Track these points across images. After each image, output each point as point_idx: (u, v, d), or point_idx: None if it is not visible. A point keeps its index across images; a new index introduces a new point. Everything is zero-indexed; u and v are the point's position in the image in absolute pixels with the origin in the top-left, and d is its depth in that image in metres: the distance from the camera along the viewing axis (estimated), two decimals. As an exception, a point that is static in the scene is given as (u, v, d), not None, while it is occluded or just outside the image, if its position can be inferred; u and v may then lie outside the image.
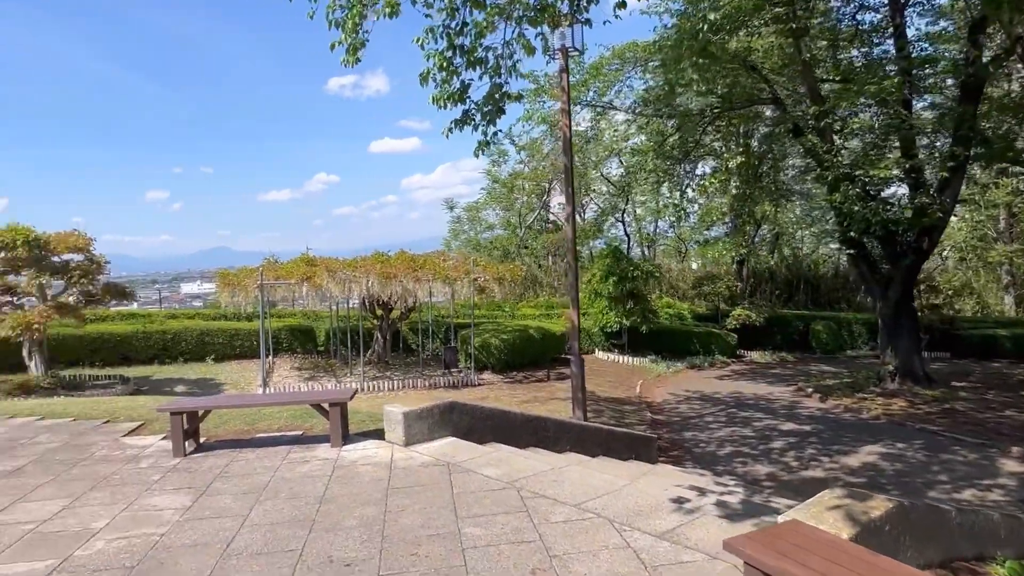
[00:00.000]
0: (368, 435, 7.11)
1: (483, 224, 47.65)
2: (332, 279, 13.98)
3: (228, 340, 18.90)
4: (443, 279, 14.73)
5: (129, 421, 8.15)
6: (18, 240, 12.28)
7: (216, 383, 15.91)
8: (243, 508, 5.09)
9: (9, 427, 8.10)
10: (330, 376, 16.32)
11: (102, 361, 17.40)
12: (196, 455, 6.58)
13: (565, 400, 13.95)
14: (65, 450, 6.93)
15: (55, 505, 5.29)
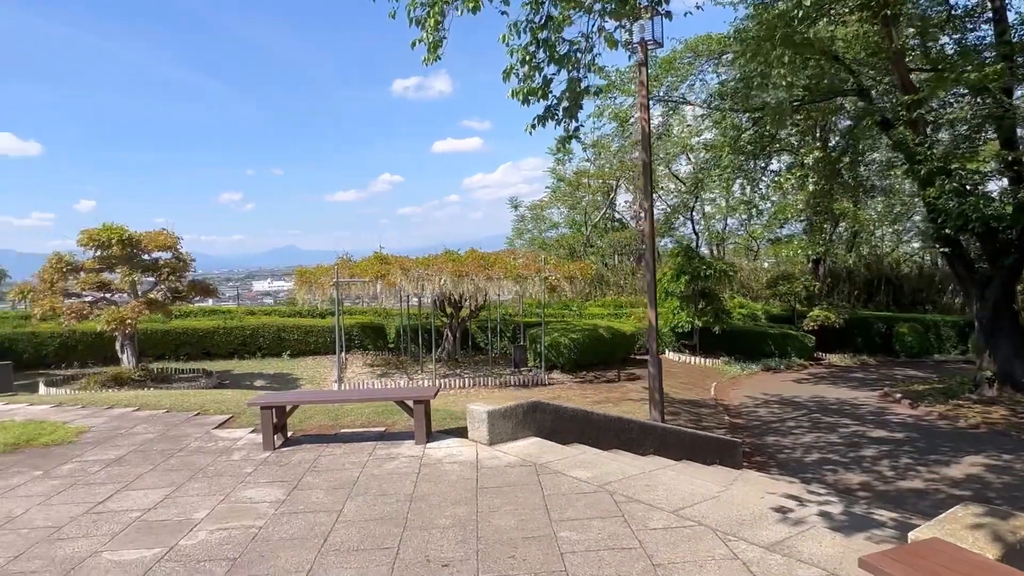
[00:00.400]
0: (450, 433, 7.08)
1: (547, 222, 47.53)
2: (406, 277, 14.12)
3: (303, 336, 19.39)
4: (514, 277, 14.66)
5: (219, 414, 8.39)
6: (113, 239, 12.89)
7: (293, 378, 16.33)
8: (335, 504, 5.12)
9: (109, 417, 8.46)
10: (401, 373, 16.51)
11: (186, 355, 18.14)
12: (285, 449, 6.69)
13: (639, 401, 13.68)
14: (162, 441, 7.18)
15: (157, 494, 5.45)
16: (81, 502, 5.32)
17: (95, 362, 17.08)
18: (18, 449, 6.98)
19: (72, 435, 7.42)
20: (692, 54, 20.02)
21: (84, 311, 12.82)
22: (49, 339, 16.65)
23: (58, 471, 6.20)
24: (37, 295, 13.14)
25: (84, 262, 13.90)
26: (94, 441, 7.24)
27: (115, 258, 13.43)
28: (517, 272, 14.78)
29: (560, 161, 46.65)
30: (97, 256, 13.40)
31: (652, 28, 10.29)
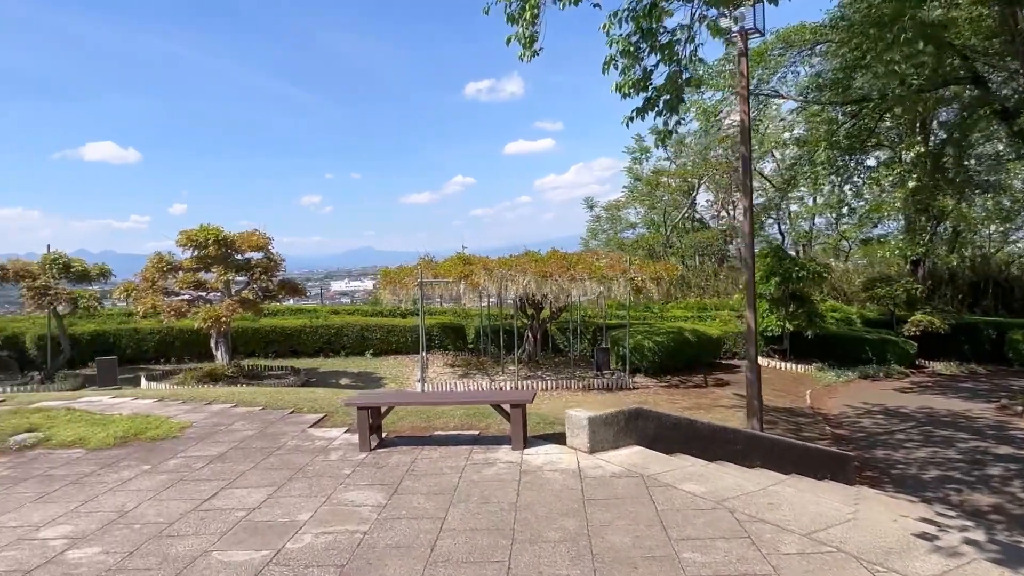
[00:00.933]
0: (547, 439, 6.83)
1: (623, 223, 46.71)
2: (489, 277, 14.00)
3: (385, 336, 19.62)
4: (598, 278, 14.31)
5: (312, 412, 8.44)
6: (209, 239, 13.33)
7: (376, 377, 16.50)
8: (438, 510, 4.95)
9: (209, 413, 8.65)
10: (482, 374, 16.42)
11: (274, 353, 18.65)
12: (380, 450, 6.61)
13: (731, 408, 13.07)
14: (260, 438, 7.24)
15: (260, 494, 5.43)
16: (188, 498, 5.36)
17: (190, 358, 17.78)
18: (127, 443, 7.18)
19: (176, 430, 7.60)
20: (783, 45, 19.09)
21: (182, 309, 13.31)
22: (149, 335, 17.45)
23: (165, 466, 6.31)
24: (140, 293, 13.74)
25: (182, 262, 14.45)
26: (196, 437, 7.38)
27: (211, 258, 13.89)
28: (602, 273, 14.41)
29: (637, 160, 45.81)
30: (194, 256, 13.89)
31: (753, 15, 9.75)
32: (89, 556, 4.32)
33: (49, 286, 13.88)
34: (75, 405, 9.45)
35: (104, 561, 4.25)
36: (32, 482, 5.92)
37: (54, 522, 4.93)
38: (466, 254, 15.94)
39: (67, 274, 14.86)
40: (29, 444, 7.18)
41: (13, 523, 4.95)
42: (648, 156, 45.22)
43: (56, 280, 14.45)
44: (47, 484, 5.84)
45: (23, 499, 5.46)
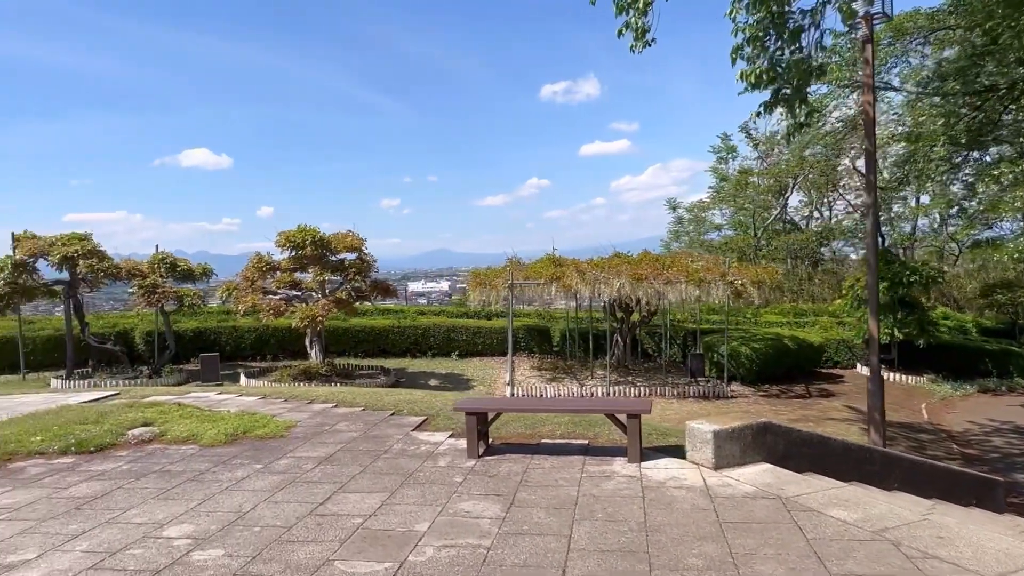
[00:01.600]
0: (662, 451, 6.43)
1: (707, 224, 45.26)
2: (581, 280, 13.65)
3: (471, 337, 19.58)
4: (696, 281, 13.71)
5: (413, 415, 8.32)
6: (307, 240, 13.58)
7: (464, 379, 16.43)
8: (561, 526, 4.65)
9: (311, 412, 8.68)
10: (570, 378, 16.07)
11: (363, 352, 18.92)
12: (489, 457, 6.38)
13: (843, 422, 12.24)
14: (365, 440, 7.15)
15: (373, 500, 5.28)
16: (303, 501, 5.27)
17: (285, 355, 18.26)
18: (236, 440, 7.24)
19: (282, 429, 7.62)
20: (892, 34, 17.86)
21: (280, 308, 13.60)
22: (247, 333, 18.02)
23: (275, 466, 6.29)
24: (240, 292, 14.14)
25: (280, 262, 14.79)
26: (303, 437, 7.37)
27: (307, 258, 14.15)
28: (699, 276, 13.80)
29: (723, 159, 44.36)
30: (292, 256, 14.18)
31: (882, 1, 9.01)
32: (213, 559, 4.25)
33: (157, 284, 14.49)
34: (185, 401, 9.71)
35: (228, 565, 4.16)
36: (152, 477, 6.00)
37: (177, 520, 4.93)
38: (556, 255, 15.65)
39: (173, 273, 15.49)
40: (146, 439, 7.35)
41: (138, 519, 4.98)
42: (734, 155, 43.72)
43: (163, 279, 15.07)
44: (166, 480, 5.90)
45: (146, 495, 5.52)
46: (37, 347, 16.41)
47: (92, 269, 14.22)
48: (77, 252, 14.10)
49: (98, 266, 14.24)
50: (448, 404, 8.87)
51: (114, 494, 5.57)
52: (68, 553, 4.39)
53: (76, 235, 14.80)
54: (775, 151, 33.57)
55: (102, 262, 14.36)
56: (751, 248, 32.17)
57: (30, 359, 16.01)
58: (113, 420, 8.05)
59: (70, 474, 6.18)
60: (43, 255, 14.36)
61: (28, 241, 14.48)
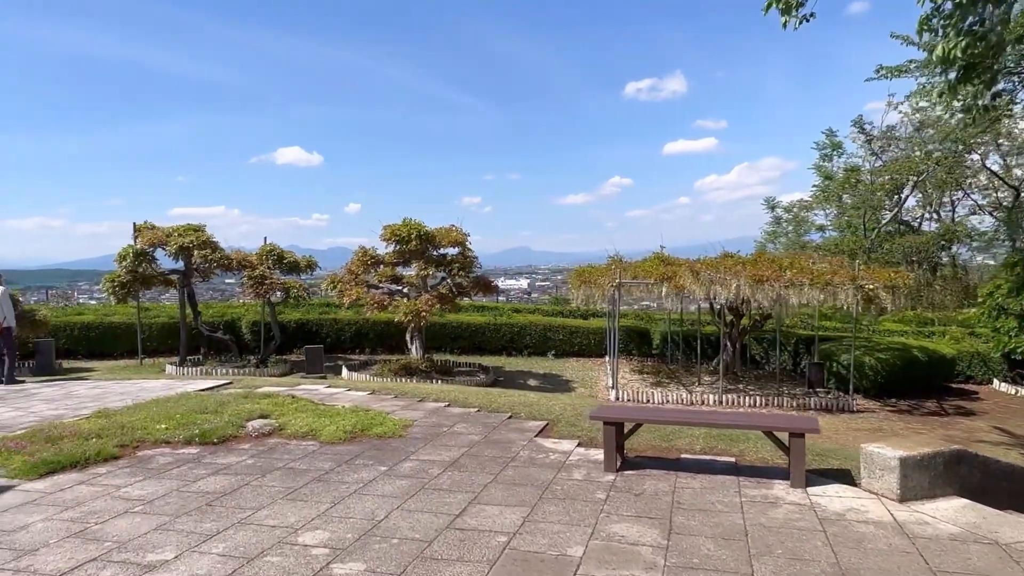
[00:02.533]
0: (826, 475, 5.69)
1: (808, 225, 42.96)
2: (695, 281, 12.85)
3: (568, 337, 19.04)
4: (821, 285, 12.64)
5: (531, 419, 7.87)
6: (412, 234, 13.41)
7: (564, 380, 15.91)
8: (738, 563, 4.04)
9: (425, 411, 8.38)
10: (675, 384, 15.27)
11: (459, 348, 18.71)
12: (628, 472, 5.82)
13: (998, 445, 10.94)
14: (488, 445, 6.75)
15: (514, 515, 4.84)
16: (438, 512, 4.89)
17: (383, 349, 18.29)
18: (355, 438, 6.99)
19: (400, 428, 7.33)
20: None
21: (384, 302, 13.50)
22: (347, 326, 18.16)
23: (400, 469, 5.96)
24: (345, 285, 14.15)
25: (383, 255, 14.72)
26: (422, 437, 7.05)
27: (410, 252, 14.00)
28: (825, 279, 12.72)
29: (827, 156, 41.94)
30: (395, 250, 14.06)
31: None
32: (355, 574, 3.90)
33: (265, 276, 14.72)
34: (296, 393, 9.65)
35: (372, 583, 3.81)
36: (277, 475, 5.79)
37: (310, 525, 4.64)
38: (665, 254, 14.88)
39: (280, 265, 15.71)
40: (266, 432, 7.22)
41: (271, 521, 4.72)
42: (840, 152, 41.25)
43: (270, 270, 15.31)
44: (292, 479, 5.67)
45: (274, 494, 5.29)
46: (153, 333, 17.08)
47: (206, 259, 14.60)
48: (192, 243, 14.50)
49: (211, 256, 14.60)
50: (567, 409, 8.39)
51: (242, 491, 5.37)
52: (205, 555, 4.15)
53: (191, 226, 15.24)
54: (890, 148, 31.28)
55: (215, 253, 14.72)
56: (863, 251, 30.10)
57: (146, 345, 16.66)
58: (231, 411, 8.01)
59: (196, 466, 6.07)
60: (161, 245, 14.85)
61: (148, 231, 15.02)
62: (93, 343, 16.93)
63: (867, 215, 33.30)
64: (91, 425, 7.44)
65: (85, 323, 16.97)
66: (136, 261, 14.50)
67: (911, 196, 34.97)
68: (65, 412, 8.66)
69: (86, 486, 5.53)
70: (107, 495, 5.30)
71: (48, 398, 9.99)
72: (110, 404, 8.99)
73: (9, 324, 11.83)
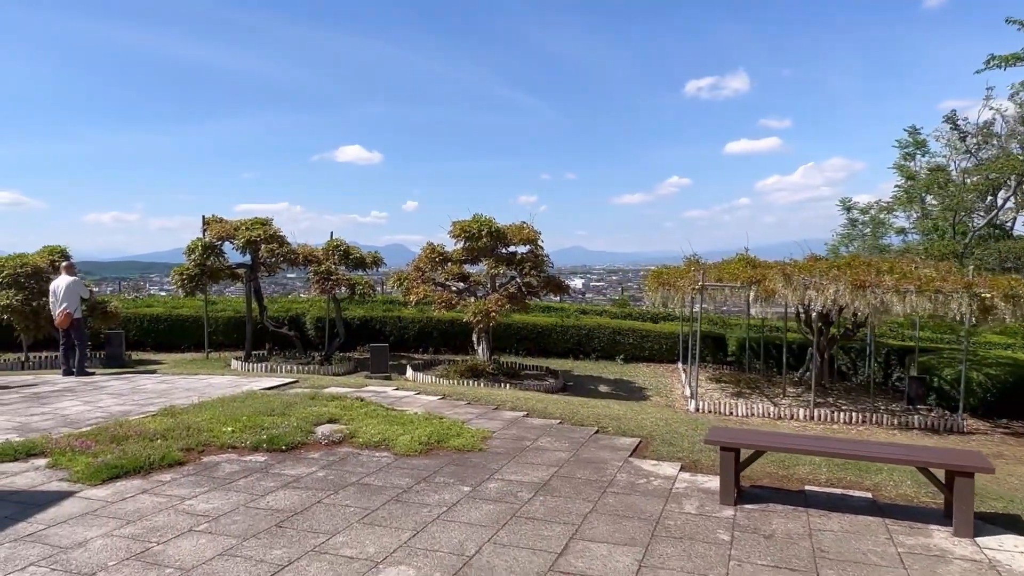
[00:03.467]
0: (993, 521, 4.78)
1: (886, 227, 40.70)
2: (788, 285, 11.84)
3: (639, 341, 18.18)
4: (931, 292, 11.46)
5: (620, 434, 7.14)
6: (483, 230, 12.82)
7: (636, 387, 15.08)
8: (921, 640, 3.24)
9: (503, 422, 7.75)
10: (758, 395, 14.25)
11: (524, 350, 18.08)
12: (748, 507, 5.04)
13: None
14: (579, 465, 6.05)
15: (625, 557, 4.12)
16: (537, 548, 4.22)
17: (446, 349, 17.82)
18: (432, 450, 6.41)
19: (479, 441, 6.71)
20: None
21: (452, 301, 12.97)
22: (411, 324, 17.76)
23: (485, 490, 5.33)
24: (412, 283, 13.69)
25: (451, 252, 14.21)
26: (504, 452, 6.41)
27: (479, 249, 13.42)
28: (936, 286, 11.53)
29: (910, 155, 39.63)
30: (465, 247, 13.51)
31: None
32: (451, 630, 3.26)
33: (331, 271, 14.40)
34: (364, 395, 9.18)
35: (473, 643, 3.16)
36: (351, 491, 5.24)
37: (392, 559, 4.04)
38: (751, 256, 13.88)
39: (346, 261, 15.40)
40: (336, 439, 6.71)
41: (348, 551, 4.15)
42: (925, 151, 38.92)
43: (336, 266, 15.00)
44: (368, 497, 5.10)
45: (349, 515, 4.73)
46: (219, 327, 17.05)
47: (272, 253, 14.38)
48: (260, 236, 14.30)
49: (278, 251, 14.37)
50: (659, 424, 7.62)
51: (314, 510, 4.83)
52: (277, 594, 3.60)
53: (259, 220, 15.07)
54: (987, 144, 29.10)
55: (282, 247, 14.49)
56: (955, 256, 28.10)
57: (212, 339, 16.63)
58: (299, 414, 7.56)
59: (264, 477, 5.58)
60: (229, 238, 14.72)
61: (216, 224, 14.91)
62: (161, 335, 17.01)
63: (956, 218, 31.14)
64: (157, 424, 7.10)
65: (154, 315, 17.06)
66: (204, 254, 14.39)
67: (1010, 198, 32.58)
68: (132, 408, 8.40)
69: (149, 496, 5.09)
70: (171, 507, 4.84)
71: (116, 392, 9.81)
72: (176, 401, 8.70)
73: (77, 316, 11.76)
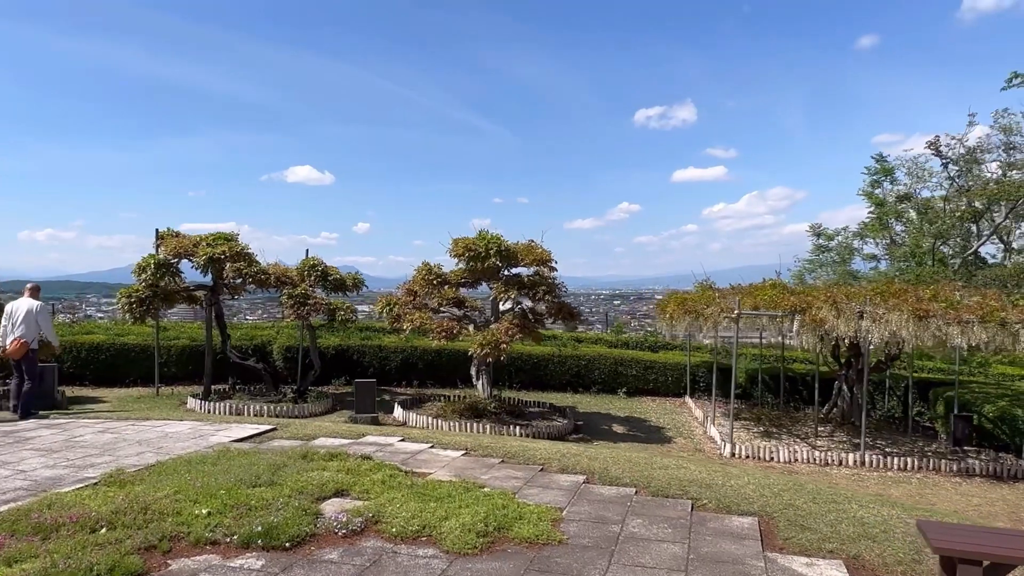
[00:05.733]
0: None
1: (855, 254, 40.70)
2: (837, 313, 10.51)
3: (642, 372, 16.66)
4: (996, 322, 10.30)
5: (729, 512, 5.50)
6: (491, 249, 11.14)
7: (652, 425, 13.51)
8: None
9: (564, 492, 6.01)
10: (787, 434, 12.86)
11: (518, 383, 16.36)
12: (999, 646, 3.47)
13: None
14: (706, 567, 4.39)
15: None
16: None
17: (432, 382, 15.98)
18: (493, 546, 4.64)
19: (550, 527, 4.98)
20: None
21: (454, 330, 11.19)
22: (393, 354, 15.84)
23: (604, 621, 3.62)
24: (404, 308, 11.87)
25: (448, 274, 12.46)
26: (593, 546, 4.69)
27: (483, 271, 11.73)
28: (1000, 317, 10.38)
29: (876, 183, 39.81)
30: (467, 268, 11.79)
31: None
32: None
33: (308, 295, 12.47)
34: (366, 450, 7.37)
35: None
36: (409, 632, 3.46)
37: None
38: (782, 280, 12.57)
39: (324, 282, 13.49)
40: (357, 527, 4.87)
41: None
42: (892, 179, 39.17)
43: (312, 288, 13.08)
44: (440, 645, 3.34)
45: None
46: (171, 358, 14.81)
47: (240, 273, 12.36)
48: (224, 254, 12.27)
49: (246, 270, 12.36)
50: (767, 494, 6.01)
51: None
52: None
53: (222, 235, 13.05)
54: (971, 171, 29.02)
55: (250, 266, 12.48)
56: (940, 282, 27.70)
57: (163, 371, 14.39)
58: (293, 482, 5.72)
59: (269, 603, 3.75)
60: (188, 255, 12.65)
61: (172, 240, 12.81)
62: (102, 367, 14.65)
63: (935, 244, 30.96)
64: (101, 503, 5.17)
65: (94, 344, 14.69)
66: (157, 273, 12.28)
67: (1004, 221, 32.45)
68: (65, 473, 6.39)
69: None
70: None
71: (45, 446, 7.70)
72: (125, 461, 6.73)
73: (33, 346, 9.98)
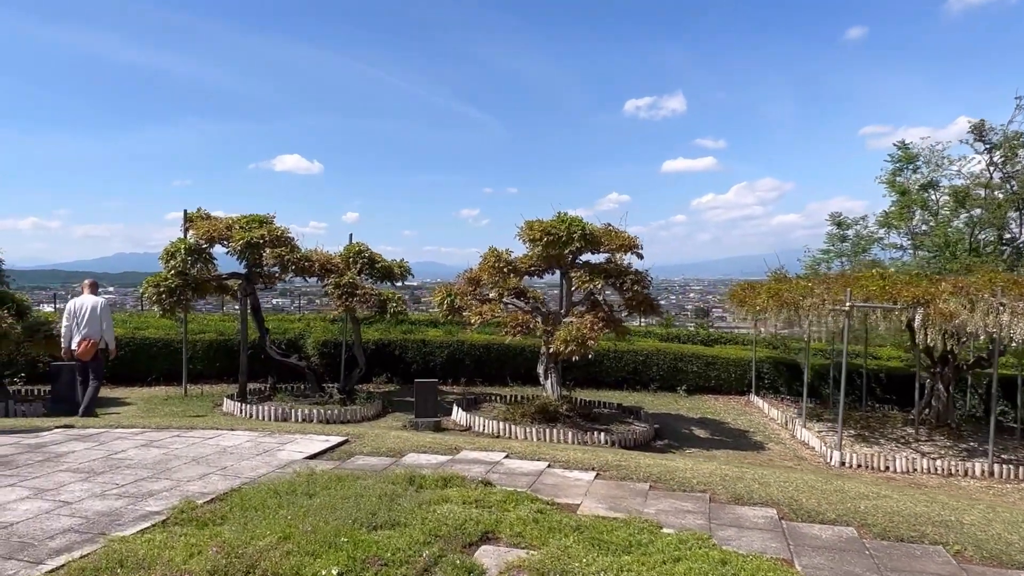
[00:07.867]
0: None
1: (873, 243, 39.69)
2: (969, 307, 9.31)
3: (703, 369, 15.46)
4: None
5: (1003, 567, 4.27)
6: (576, 233, 9.83)
7: (732, 428, 12.30)
8: None
9: (772, 535, 4.74)
10: (885, 439, 11.70)
11: (572, 380, 15.10)
12: None
13: None
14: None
15: None
16: None
17: (480, 379, 14.71)
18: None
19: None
20: None
21: (529, 324, 9.91)
22: (438, 349, 14.55)
23: None
24: (468, 299, 10.57)
25: (516, 261, 11.16)
26: (884, 626, 3.45)
27: (560, 257, 10.43)
28: None
29: (898, 171, 38.78)
30: (541, 254, 10.47)
31: None
32: None
33: (356, 284, 11.15)
34: (475, 470, 6.10)
35: None
36: None
37: None
38: (886, 269, 11.36)
39: (371, 270, 12.16)
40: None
41: None
42: (915, 166, 38.12)
43: (358, 276, 11.75)
44: None
45: None
46: (197, 354, 13.45)
47: (280, 260, 11.01)
48: (263, 238, 10.91)
49: (288, 257, 11.00)
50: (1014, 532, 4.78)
51: None
52: None
53: (257, 217, 11.68)
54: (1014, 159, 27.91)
55: (292, 252, 11.13)
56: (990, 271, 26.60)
57: (189, 368, 13.02)
58: (422, 522, 4.42)
59: None
60: (221, 240, 11.28)
61: (203, 222, 11.42)
62: (121, 364, 13.24)
63: (975, 232, 29.90)
64: (186, 555, 3.83)
65: (112, 338, 13.27)
66: (188, 259, 10.90)
67: None
68: (120, 505, 5.03)
69: None
70: None
71: (83, 466, 6.32)
72: (188, 486, 5.40)
73: (101, 346, 9.27)
